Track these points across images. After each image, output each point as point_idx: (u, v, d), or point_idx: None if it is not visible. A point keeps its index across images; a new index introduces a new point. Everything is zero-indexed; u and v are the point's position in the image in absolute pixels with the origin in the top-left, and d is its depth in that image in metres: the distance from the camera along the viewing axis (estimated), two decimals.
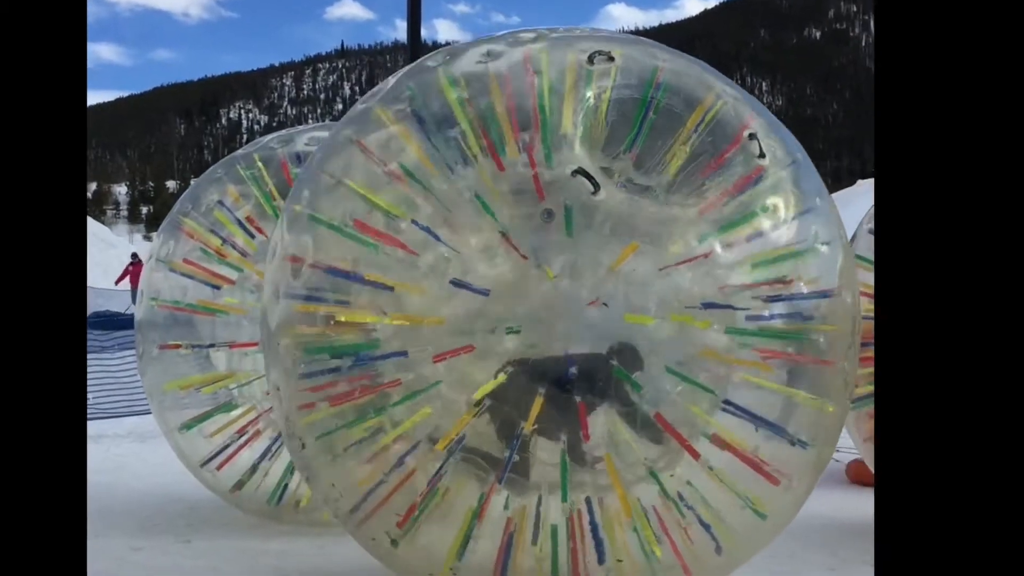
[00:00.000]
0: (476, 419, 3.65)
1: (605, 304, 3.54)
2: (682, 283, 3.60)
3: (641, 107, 3.71)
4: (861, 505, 6.29)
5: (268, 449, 5.39)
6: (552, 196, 3.59)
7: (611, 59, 3.81)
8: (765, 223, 3.72)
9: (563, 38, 4.00)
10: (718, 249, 3.63)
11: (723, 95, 3.84)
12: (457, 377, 3.64)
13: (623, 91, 3.76)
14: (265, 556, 5.07)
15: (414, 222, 3.63)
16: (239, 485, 5.45)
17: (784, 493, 3.76)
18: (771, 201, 3.75)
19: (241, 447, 5.38)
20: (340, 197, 3.82)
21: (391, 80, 4.07)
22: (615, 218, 3.60)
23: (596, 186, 3.58)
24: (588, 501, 3.69)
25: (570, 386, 3.56)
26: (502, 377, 3.58)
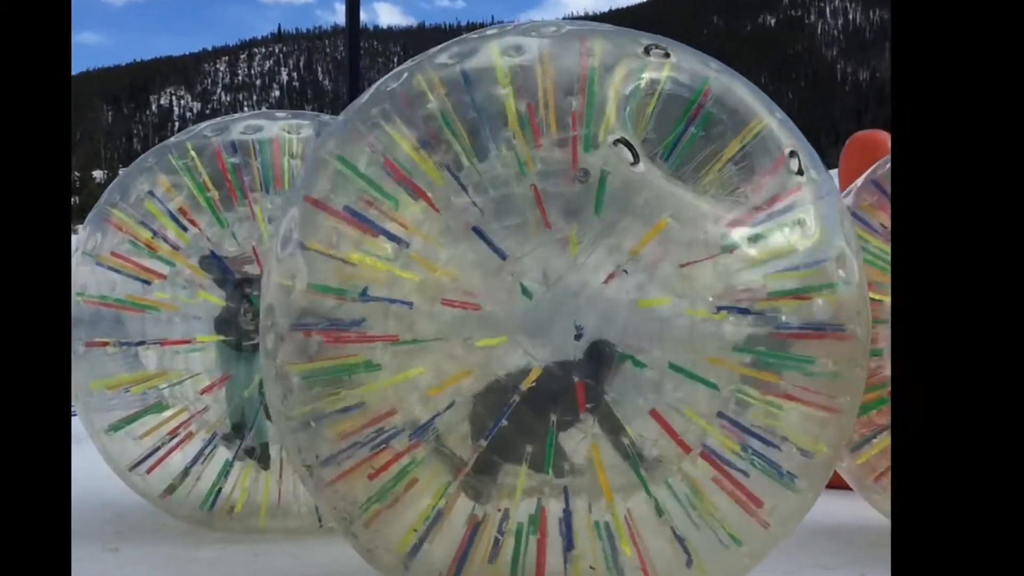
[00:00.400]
0: (457, 418, 3.73)
1: (625, 271, 3.61)
2: (700, 280, 3.68)
3: (686, 112, 3.82)
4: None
5: (201, 452, 5.35)
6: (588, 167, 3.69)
7: (667, 55, 3.92)
8: (792, 240, 3.81)
9: (621, 30, 4.16)
10: (741, 256, 3.70)
11: (768, 118, 3.95)
12: (457, 341, 3.68)
13: (674, 89, 3.87)
14: (197, 564, 5.04)
15: (447, 167, 3.71)
16: (170, 490, 5.40)
17: (763, 522, 3.83)
18: (801, 219, 3.83)
19: (172, 450, 5.33)
20: (371, 143, 3.89)
21: (440, 46, 4.17)
22: (647, 197, 3.68)
23: (636, 157, 3.65)
24: (565, 490, 3.75)
25: (578, 336, 3.62)
26: (504, 338, 3.64)
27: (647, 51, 3.92)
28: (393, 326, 3.70)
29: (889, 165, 5.45)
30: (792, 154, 3.88)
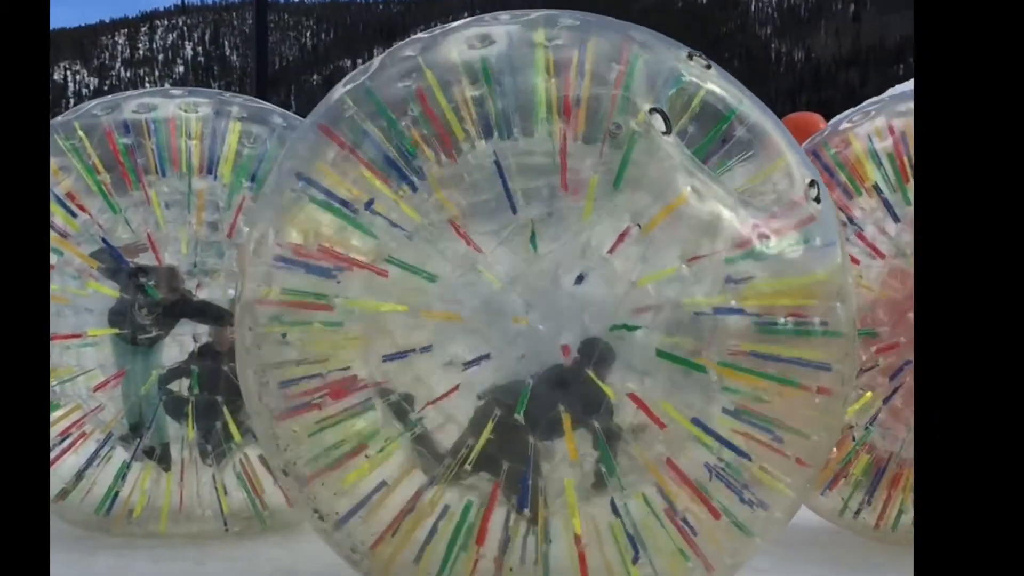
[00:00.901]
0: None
1: (639, 225, 3.76)
2: (702, 274, 3.82)
3: (715, 131, 4.03)
4: None
5: (96, 453, 5.28)
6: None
7: (708, 67, 4.13)
8: (801, 258, 3.96)
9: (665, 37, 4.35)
10: (750, 255, 3.84)
11: (789, 152, 4.13)
12: (448, 285, 3.82)
13: (711, 102, 4.07)
14: (93, 572, 5.00)
15: (470, 115, 3.87)
16: (63, 494, 5.31)
17: (708, 564, 3.96)
18: (812, 242, 3.99)
19: (65, 451, 5.25)
20: (402, 78, 4.03)
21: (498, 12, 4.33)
22: (669, 169, 3.83)
23: (669, 127, 3.82)
24: (529, 460, 3.85)
25: (579, 280, 3.79)
26: (499, 283, 3.79)
27: (690, 56, 4.12)
28: (385, 248, 3.83)
29: (829, 131, 5.61)
30: (812, 183, 4.07)
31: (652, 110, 3.84)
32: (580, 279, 3.77)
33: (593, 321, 3.81)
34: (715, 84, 4.12)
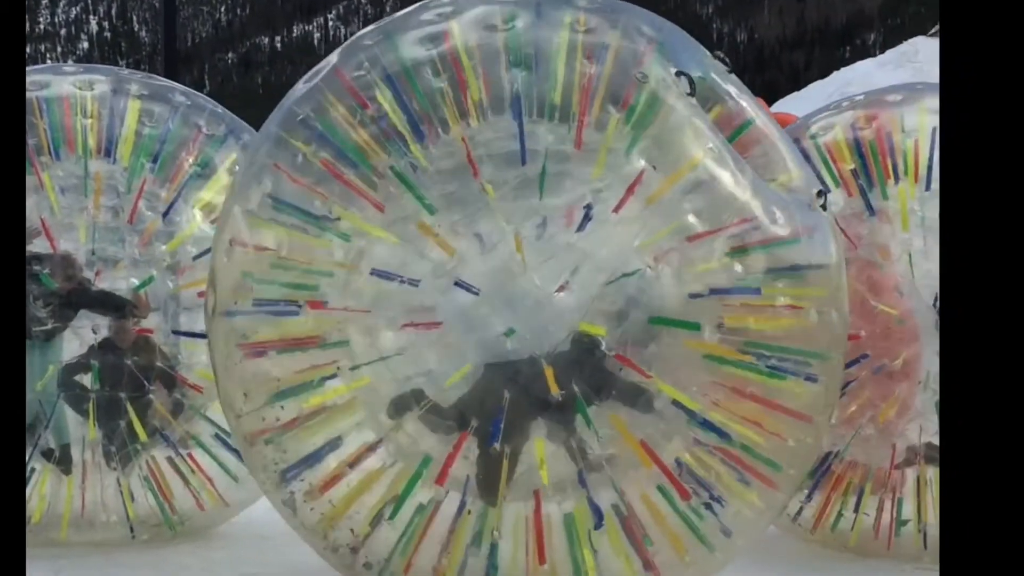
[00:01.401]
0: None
1: (654, 167, 3.92)
2: (701, 252, 3.95)
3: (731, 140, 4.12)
4: None
5: None
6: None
7: (731, 71, 4.33)
8: (806, 257, 4.10)
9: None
10: (759, 233, 3.99)
11: (795, 168, 4.27)
12: (445, 224, 3.95)
13: (732, 105, 4.22)
14: None
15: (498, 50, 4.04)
16: None
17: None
18: (818, 243, 4.15)
19: None
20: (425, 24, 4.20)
21: None
22: (689, 131, 3.99)
23: (693, 90, 3.99)
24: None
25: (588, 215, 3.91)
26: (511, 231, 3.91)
27: (714, 56, 4.30)
28: (381, 192, 3.96)
29: (811, 117, 5.72)
30: (820, 193, 4.22)
31: (679, 73, 4.00)
32: (587, 211, 3.87)
33: (590, 273, 3.92)
34: (736, 89, 4.26)
